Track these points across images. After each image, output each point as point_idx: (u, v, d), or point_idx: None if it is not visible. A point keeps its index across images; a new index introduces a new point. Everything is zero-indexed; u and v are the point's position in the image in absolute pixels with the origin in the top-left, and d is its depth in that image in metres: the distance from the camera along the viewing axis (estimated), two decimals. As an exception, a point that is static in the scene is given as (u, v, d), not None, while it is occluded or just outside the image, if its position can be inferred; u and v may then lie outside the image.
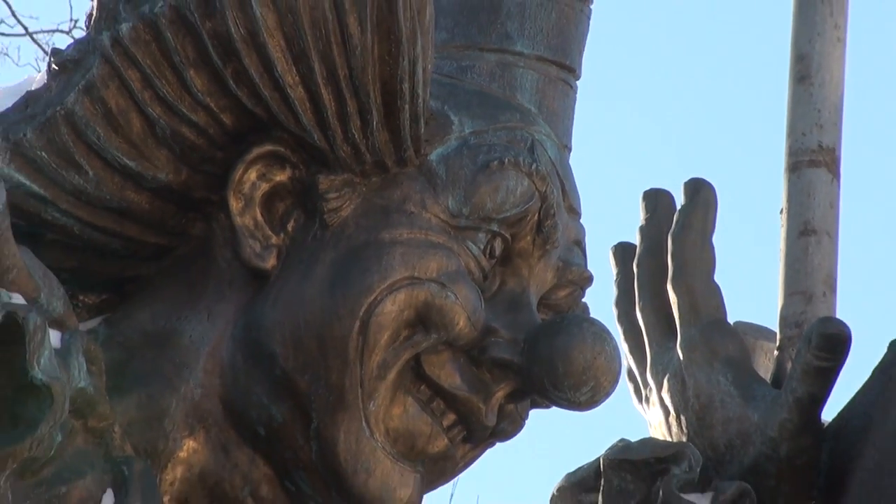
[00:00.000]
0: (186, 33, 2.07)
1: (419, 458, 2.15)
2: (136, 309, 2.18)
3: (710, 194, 2.61)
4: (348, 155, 2.13)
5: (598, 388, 2.16)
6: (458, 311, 2.12)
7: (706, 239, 2.60)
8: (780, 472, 2.38)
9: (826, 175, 2.92)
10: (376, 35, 2.08)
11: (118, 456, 1.98)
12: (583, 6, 2.41)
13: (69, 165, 2.10)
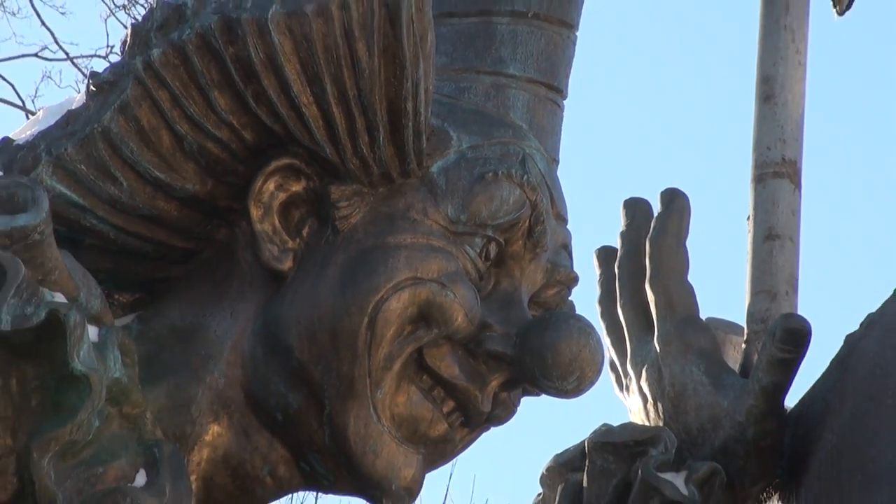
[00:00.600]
0: (211, 58, 2.07)
1: (421, 441, 2.15)
2: (165, 307, 2.18)
3: (683, 202, 2.62)
4: (357, 167, 2.13)
5: (584, 378, 2.17)
6: (457, 309, 2.12)
7: (680, 243, 2.61)
8: (747, 453, 2.38)
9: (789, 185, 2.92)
10: (383, 59, 2.08)
11: (150, 439, 1.98)
12: (569, 33, 2.41)
13: (105, 177, 2.11)
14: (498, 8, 2.35)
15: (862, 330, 2.35)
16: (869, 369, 2.31)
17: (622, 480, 2.40)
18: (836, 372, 2.39)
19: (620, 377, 2.64)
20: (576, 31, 2.43)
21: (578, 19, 2.44)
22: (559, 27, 2.39)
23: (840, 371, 2.38)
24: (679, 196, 2.62)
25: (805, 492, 2.35)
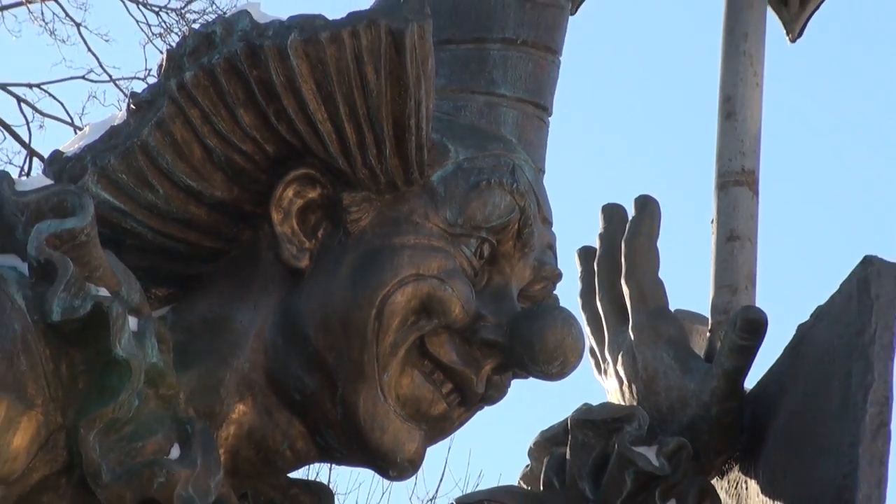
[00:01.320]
0: (237, 80, 2.08)
1: (423, 419, 2.15)
2: (197, 300, 2.18)
3: (655, 207, 2.62)
4: (366, 177, 2.13)
5: (567, 363, 2.17)
6: (455, 302, 2.12)
7: (652, 243, 2.61)
8: (711, 429, 2.38)
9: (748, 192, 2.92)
10: (389, 81, 2.08)
11: (183, 417, 1.99)
12: (553, 58, 2.41)
13: (144, 185, 2.11)
14: (491, 36, 2.35)
15: (812, 320, 2.35)
16: (818, 355, 2.31)
17: (601, 453, 2.40)
18: (789, 357, 2.39)
19: (599, 362, 2.64)
20: (559, 56, 2.43)
21: (562, 46, 2.44)
22: (545, 53, 2.39)
23: (793, 357, 2.38)
24: (651, 202, 2.62)
25: (762, 463, 2.35)
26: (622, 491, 2.33)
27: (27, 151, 12.69)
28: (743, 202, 2.91)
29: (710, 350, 2.58)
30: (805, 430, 2.27)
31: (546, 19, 2.41)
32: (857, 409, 2.14)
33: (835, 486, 2.12)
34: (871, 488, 2.09)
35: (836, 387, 2.20)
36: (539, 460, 2.54)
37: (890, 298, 2.21)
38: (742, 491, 2.36)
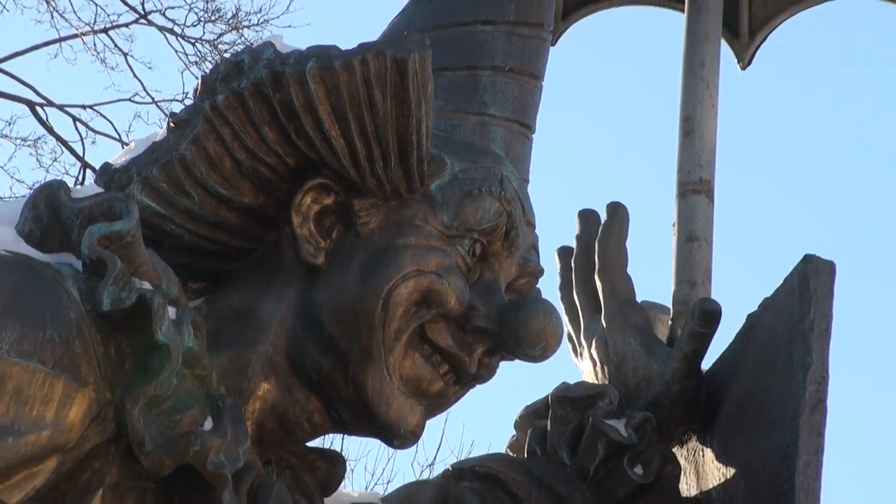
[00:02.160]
0: (263, 101, 2.08)
1: (423, 396, 2.15)
2: (227, 293, 2.18)
3: (624, 212, 2.63)
4: (374, 186, 2.13)
5: (548, 347, 2.17)
6: (451, 294, 2.12)
7: (622, 243, 2.61)
8: (672, 404, 2.39)
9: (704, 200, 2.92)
10: (393, 103, 2.08)
11: (215, 394, 1.98)
12: (536, 83, 2.41)
13: (181, 193, 2.11)
14: (482, 64, 2.35)
15: (759, 310, 2.36)
16: (764, 340, 2.31)
17: (577, 426, 2.40)
18: (740, 342, 2.40)
19: (576, 346, 2.64)
20: (542, 81, 2.43)
21: (544, 72, 2.44)
22: (529, 78, 2.39)
23: (743, 342, 2.39)
24: (620, 207, 2.63)
25: (717, 434, 2.35)
26: (595, 458, 2.34)
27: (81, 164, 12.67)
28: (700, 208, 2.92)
29: (672, 336, 2.59)
30: (753, 406, 2.28)
31: (530, 49, 2.41)
32: (798, 386, 2.14)
33: (779, 454, 2.13)
34: (810, 455, 2.10)
35: (780, 368, 2.21)
36: (523, 431, 2.54)
37: (826, 291, 2.21)
38: (699, 458, 2.37)
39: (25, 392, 1.77)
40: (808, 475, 2.08)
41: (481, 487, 2.36)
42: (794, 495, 2.06)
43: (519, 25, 2.40)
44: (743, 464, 2.25)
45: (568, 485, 2.34)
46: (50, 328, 1.81)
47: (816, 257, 2.24)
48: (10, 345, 1.77)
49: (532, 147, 2.39)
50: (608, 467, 2.33)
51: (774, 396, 2.19)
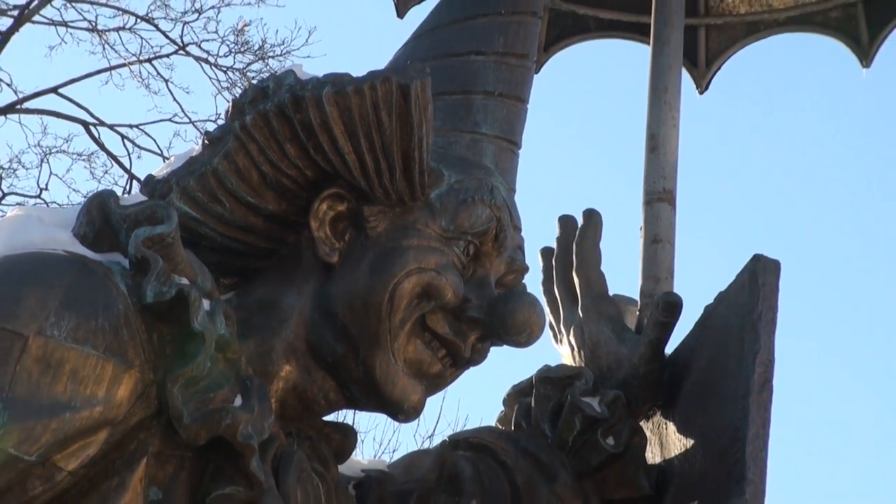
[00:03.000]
0: (285, 122, 2.07)
1: (424, 376, 2.15)
2: (254, 287, 2.17)
3: (598, 218, 2.62)
4: (382, 195, 2.13)
5: (532, 334, 2.17)
6: (448, 288, 2.12)
7: (596, 245, 2.61)
8: (639, 384, 2.38)
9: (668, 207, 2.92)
10: (398, 123, 2.08)
11: (244, 375, 1.98)
12: (522, 105, 2.41)
13: (214, 201, 2.11)
14: (475, 89, 2.35)
15: (715, 303, 2.36)
16: (719, 328, 2.31)
17: (557, 403, 2.40)
18: (698, 330, 2.39)
19: (556, 334, 2.64)
20: (527, 104, 2.43)
21: (529, 96, 2.44)
22: (516, 101, 2.39)
23: (701, 330, 2.39)
24: (595, 213, 2.63)
25: (678, 409, 2.35)
26: (573, 430, 2.34)
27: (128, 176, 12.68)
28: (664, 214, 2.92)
29: (639, 325, 2.59)
30: (710, 385, 2.28)
31: (516, 77, 2.41)
32: (748, 369, 2.14)
33: (732, 427, 2.12)
34: (759, 428, 2.10)
35: (732, 352, 2.21)
36: (511, 407, 2.54)
37: (772, 286, 2.22)
38: (663, 430, 2.36)
39: (80, 373, 1.77)
40: (756, 445, 2.08)
41: (474, 456, 2.35)
42: (744, 463, 2.06)
43: (507, 56, 2.40)
44: (700, 436, 2.25)
45: (549, 454, 2.34)
46: (101, 318, 1.82)
47: (764, 256, 2.25)
48: (66, 333, 1.77)
49: (518, 161, 2.39)
50: (584, 438, 2.33)
51: (728, 377, 2.19)
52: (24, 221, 2.02)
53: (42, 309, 1.77)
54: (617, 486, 2.31)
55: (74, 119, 12.64)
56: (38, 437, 1.73)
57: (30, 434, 1.72)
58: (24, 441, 1.72)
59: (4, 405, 1.70)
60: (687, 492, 2.22)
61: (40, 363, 1.74)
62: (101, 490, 1.84)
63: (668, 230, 2.91)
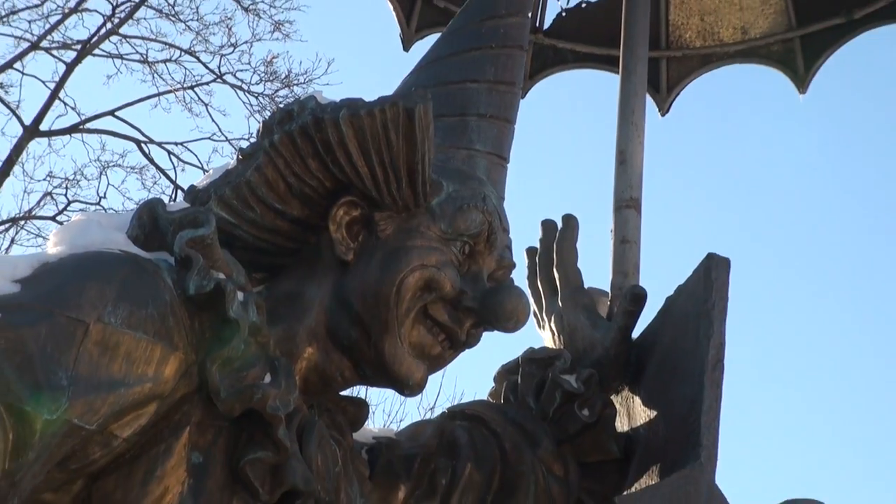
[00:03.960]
0: (307, 140, 2.07)
1: (426, 358, 2.14)
2: (281, 281, 2.17)
3: (575, 222, 2.63)
4: (390, 202, 2.12)
5: (518, 321, 2.16)
6: (447, 282, 2.11)
7: (573, 245, 2.62)
8: (610, 364, 2.38)
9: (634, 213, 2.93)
10: (404, 140, 2.07)
11: (272, 356, 1.98)
12: (510, 126, 2.41)
13: (247, 207, 2.10)
14: (469, 112, 2.35)
15: (675, 294, 2.36)
16: (679, 316, 2.32)
17: (540, 379, 2.41)
18: (660, 318, 2.40)
19: (539, 321, 2.64)
20: (514, 124, 2.42)
21: (516, 118, 2.43)
22: (505, 122, 2.39)
23: (663, 317, 2.39)
24: (572, 218, 2.64)
25: (643, 385, 2.35)
26: (553, 403, 2.34)
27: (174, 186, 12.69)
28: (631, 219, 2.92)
29: (610, 313, 2.60)
30: (670, 365, 2.28)
31: (505, 101, 2.41)
32: (703, 350, 2.14)
33: (689, 400, 2.13)
34: (712, 401, 2.10)
35: (690, 336, 2.21)
36: (500, 384, 2.54)
37: (724, 280, 2.22)
38: (630, 403, 2.37)
39: (133, 355, 1.77)
40: (710, 416, 2.08)
41: (469, 425, 2.35)
42: (700, 431, 2.06)
43: (497, 83, 2.40)
44: (662, 408, 2.25)
45: (533, 423, 2.34)
46: (151, 307, 1.81)
47: (716, 255, 2.25)
48: (122, 320, 1.77)
49: (506, 173, 2.39)
50: (563, 410, 2.33)
51: (686, 358, 2.19)
52: (85, 225, 2.02)
53: (101, 300, 1.77)
54: (591, 451, 2.31)
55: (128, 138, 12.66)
56: (97, 409, 1.73)
57: (90, 406, 1.72)
58: (86, 413, 1.72)
59: (69, 382, 1.69)
60: (651, 456, 2.22)
61: (99, 346, 1.74)
62: (151, 454, 1.83)
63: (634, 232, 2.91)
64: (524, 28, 2.53)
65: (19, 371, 1.66)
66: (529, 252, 2.72)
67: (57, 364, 1.69)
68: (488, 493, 2.27)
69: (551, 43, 4.03)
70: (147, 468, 1.82)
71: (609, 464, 2.30)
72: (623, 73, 3.12)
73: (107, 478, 1.80)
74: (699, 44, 4.05)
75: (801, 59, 3.95)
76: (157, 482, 1.82)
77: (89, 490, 1.80)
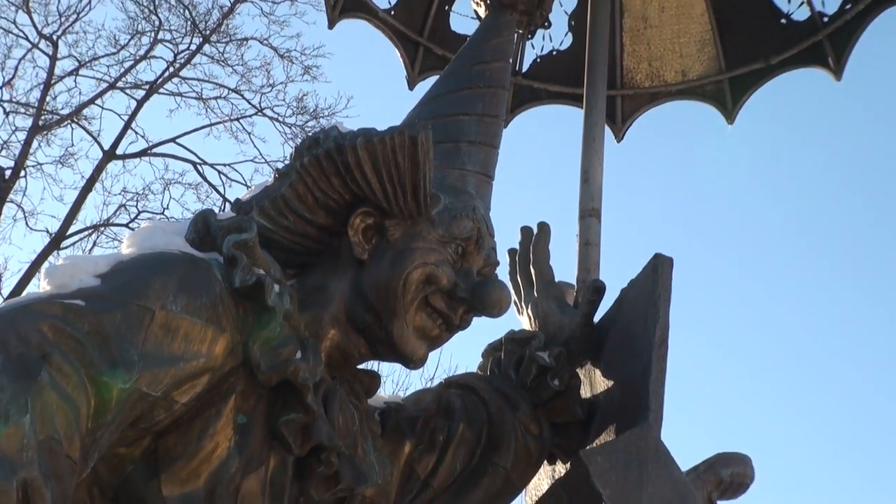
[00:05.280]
0: (331, 161, 2.06)
1: (426, 338, 2.13)
2: (309, 276, 2.15)
3: (547, 228, 2.62)
4: (398, 212, 2.11)
5: (502, 308, 2.16)
6: (444, 277, 2.11)
7: (546, 247, 2.61)
8: (576, 343, 2.37)
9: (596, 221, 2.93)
10: (409, 162, 2.07)
11: (303, 337, 1.97)
12: (495, 150, 2.39)
13: (282, 216, 2.09)
14: (462, 139, 2.34)
15: (628, 286, 2.35)
16: (631, 304, 2.31)
17: (519, 356, 2.39)
18: (616, 306, 2.39)
19: (519, 309, 2.63)
20: (498, 149, 2.41)
21: (499, 143, 2.42)
22: (490, 147, 2.38)
23: (618, 305, 2.38)
24: (545, 225, 2.63)
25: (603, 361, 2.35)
26: (530, 375, 2.34)
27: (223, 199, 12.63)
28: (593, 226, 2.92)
29: (576, 302, 2.58)
30: (625, 344, 2.27)
31: (491, 130, 2.40)
32: (651, 332, 2.14)
33: (640, 373, 2.12)
34: (658, 373, 2.10)
35: (640, 321, 2.20)
36: (487, 359, 2.53)
37: (668, 275, 2.22)
38: (592, 375, 2.36)
39: (190, 336, 1.77)
40: (656, 385, 2.08)
41: (462, 392, 2.35)
42: (648, 397, 2.06)
43: (485, 116, 2.39)
44: (618, 378, 2.25)
45: (514, 391, 2.34)
46: (204, 297, 1.81)
47: (662, 255, 2.25)
48: (181, 308, 1.77)
49: (492, 188, 2.38)
50: (538, 381, 2.32)
51: (637, 338, 2.19)
52: (151, 230, 2.02)
53: (164, 291, 1.77)
54: (560, 414, 2.31)
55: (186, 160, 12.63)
56: (161, 380, 1.73)
57: (156, 378, 1.72)
58: (152, 383, 1.72)
59: (139, 358, 1.70)
60: (608, 417, 2.22)
61: (163, 329, 1.74)
62: (204, 416, 1.83)
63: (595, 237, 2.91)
64: (506, 72, 2.53)
65: (100, 349, 1.66)
66: (511, 252, 2.72)
67: (129, 343, 1.70)
68: (478, 447, 2.26)
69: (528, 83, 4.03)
70: (201, 427, 1.82)
71: (575, 424, 2.30)
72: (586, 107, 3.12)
73: (169, 435, 1.80)
74: (647, 84, 4.06)
75: (729, 97, 3.96)
76: (209, 439, 1.83)
77: (155, 445, 1.80)
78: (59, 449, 1.55)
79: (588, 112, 3.10)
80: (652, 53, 4.03)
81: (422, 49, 3.97)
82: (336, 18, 3.86)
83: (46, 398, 1.55)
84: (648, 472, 1.99)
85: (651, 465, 1.99)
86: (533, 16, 2.61)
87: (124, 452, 1.79)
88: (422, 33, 3.95)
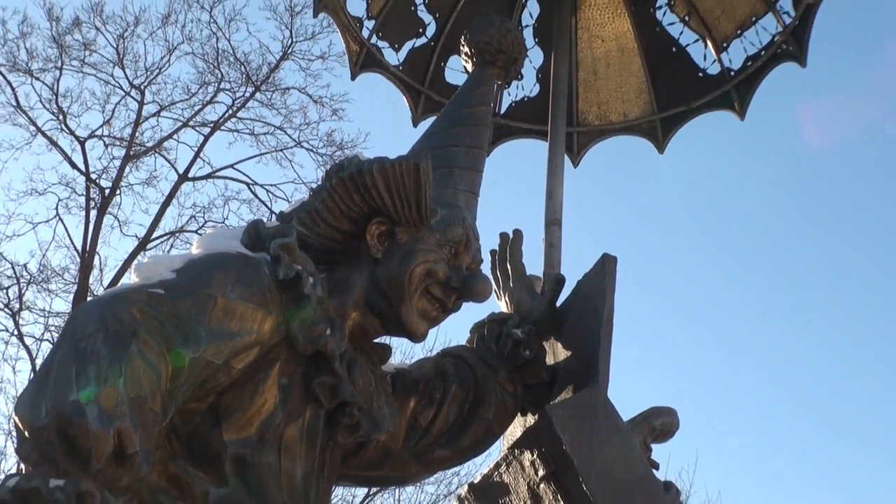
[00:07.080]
0: (353, 183, 2.05)
1: (427, 318, 2.12)
2: (336, 271, 2.13)
3: (520, 234, 2.61)
4: (405, 221, 2.10)
5: (486, 296, 2.15)
6: (440, 271, 2.10)
7: (520, 248, 2.60)
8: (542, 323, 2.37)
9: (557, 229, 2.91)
10: (413, 183, 2.06)
11: (332, 317, 1.96)
12: (480, 174, 2.37)
13: (315, 224, 2.08)
14: (454, 165, 2.32)
15: (583, 278, 2.35)
16: (585, 292, 2.31)
17: (499, 332, 2.38)
18: (573, 295, 2.38)
19: (498, 296, 2.62)
20: (482, 173, 2.40)
21: (483, 168, 2.42)
22: (476, 172, 2.35)
23: (575, 294, 2.38)
24: (518, 231, 2.62)
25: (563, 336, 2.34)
26: (507, 347, 2.33)
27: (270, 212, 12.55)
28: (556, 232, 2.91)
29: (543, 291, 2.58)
30: (579, 323, 2.27)
31: (477, 158, 2.38)
32: (600, 314, 2.14)
33: (591, 345, 2.13)
34: (605, 345, 2.10)
35: (591, 305, 2.21)
36: (473, 335, 2.51)
37: (613, 270, 2.22)
38: (555, 347, 2.36)
39: (244, 317, 1.77)
40: (604, 354, 2.08)
41: (454, 361, 2.34)
42: (597, 365, 2.06)
43: (472, 147, 2.37)
44: (575, 350, 2.25)
45: (494, 359, 2.33)
46: (255, 287, 1.81)
47: (609, 255, 2.25)
48: (237, 295, 1.77)
49: (477, 203, 2.37)
50: (513, 351, 2.32)
51: (589, 318, 2.19)
52: (215, 235, 2.01)
53: (224, 282, 1.77)
54: (530, 376, 2.30)
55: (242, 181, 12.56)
56: (222, 350, 1.73)
57: (218, 349, 1.73)
58: (216, 353, 1.73)
59: (205, 334, 1.71)
60: (567, 380, 2.22)
61: (223, 311, 1.74)
62: (256, 379, 1.83)
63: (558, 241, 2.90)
64: (488, 113, 2.53)
65: (175, 327, 1.68)
66: (492, 252, 2.70)
67: (198, 323, 1.70)
68: (466, 403, 2.26)
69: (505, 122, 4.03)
70: (253, 387, 1.83)
71: (542, 385, 2.29)
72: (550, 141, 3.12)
73: (228, 393, 1.81)
74: (597, 122, 4.07)
75: (660, 132, 3.98)
76: (259, 396, 1.83)
77: (218, 401, 1.81)
78: (145, 404, 1.57)
79: (551, 144, 3.10)
80: (601, 99, 4.05)
81: (423, 96, 3.97)
82: (357, 72, 3.87)
83: (135, 364, 1.58)
84: (598, 422, 1.99)
85: (600, 417, 2.00)
86: (509, 70, 2.60)
87: (194, 407, 1.79)
88: (423, 83, 3.95)
